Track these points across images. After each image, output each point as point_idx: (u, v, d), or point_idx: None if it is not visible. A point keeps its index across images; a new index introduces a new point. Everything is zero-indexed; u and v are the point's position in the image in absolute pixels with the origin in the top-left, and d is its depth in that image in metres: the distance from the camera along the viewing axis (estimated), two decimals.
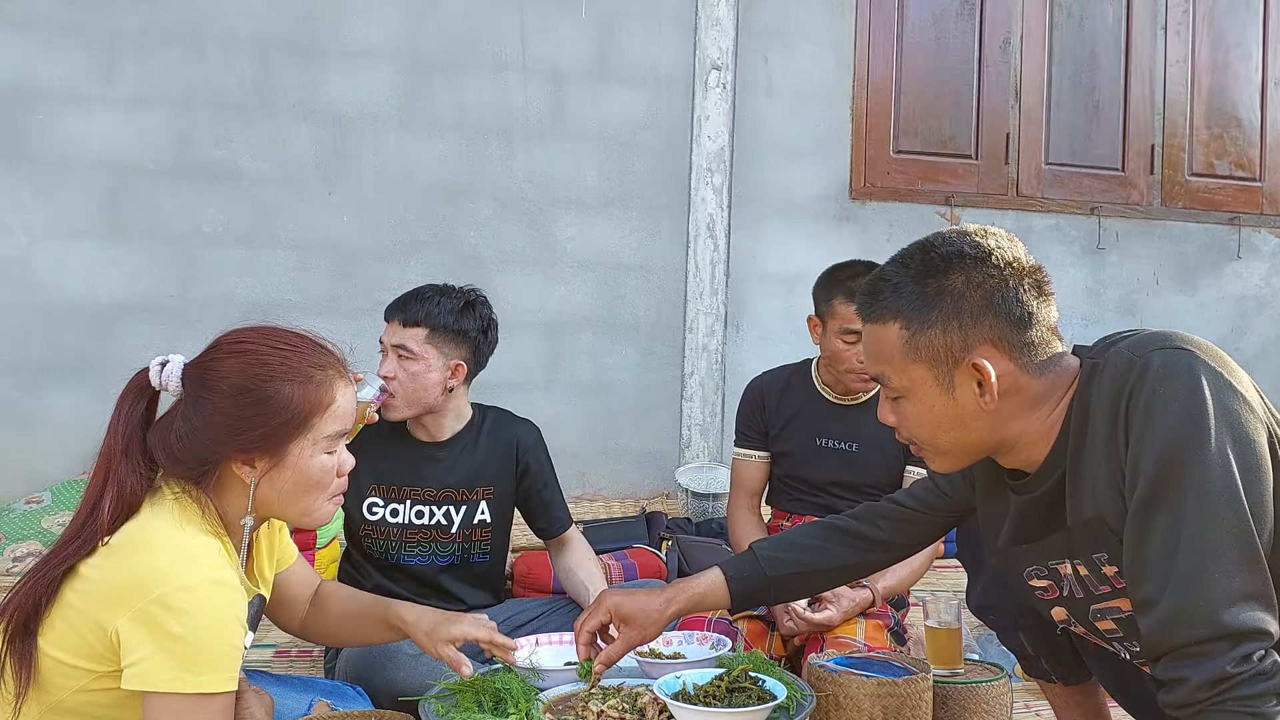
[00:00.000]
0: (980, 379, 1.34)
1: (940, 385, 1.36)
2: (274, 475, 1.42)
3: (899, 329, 1.36)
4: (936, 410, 1.38)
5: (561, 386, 4.04)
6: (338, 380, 1.46)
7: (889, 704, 1.72)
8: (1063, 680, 1.77)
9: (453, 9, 3.96)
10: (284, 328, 1.48)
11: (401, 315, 2.22)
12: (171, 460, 1.40)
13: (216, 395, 1.39)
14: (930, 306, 1.34)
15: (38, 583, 1.34)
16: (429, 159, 3.95)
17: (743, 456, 2.61)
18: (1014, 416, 1.37)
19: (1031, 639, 1.73)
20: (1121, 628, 1.43)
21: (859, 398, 2.49)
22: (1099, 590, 1.41)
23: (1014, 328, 1.33)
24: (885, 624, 2.29)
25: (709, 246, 4.12)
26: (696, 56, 4.11)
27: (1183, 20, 4.57)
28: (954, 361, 1.34)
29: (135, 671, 1.27)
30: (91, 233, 3.72)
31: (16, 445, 3.63)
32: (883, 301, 1.38)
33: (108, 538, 1.35)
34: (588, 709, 1.59)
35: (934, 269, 1.35)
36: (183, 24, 3.76)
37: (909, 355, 1.36)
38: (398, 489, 2.28)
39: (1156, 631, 1.22)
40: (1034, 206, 4.41)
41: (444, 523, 2.29)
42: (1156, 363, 1.28)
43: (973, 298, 1.33)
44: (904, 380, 1.38)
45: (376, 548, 2.29)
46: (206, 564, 1.33)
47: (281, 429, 1.40)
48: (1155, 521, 1.23)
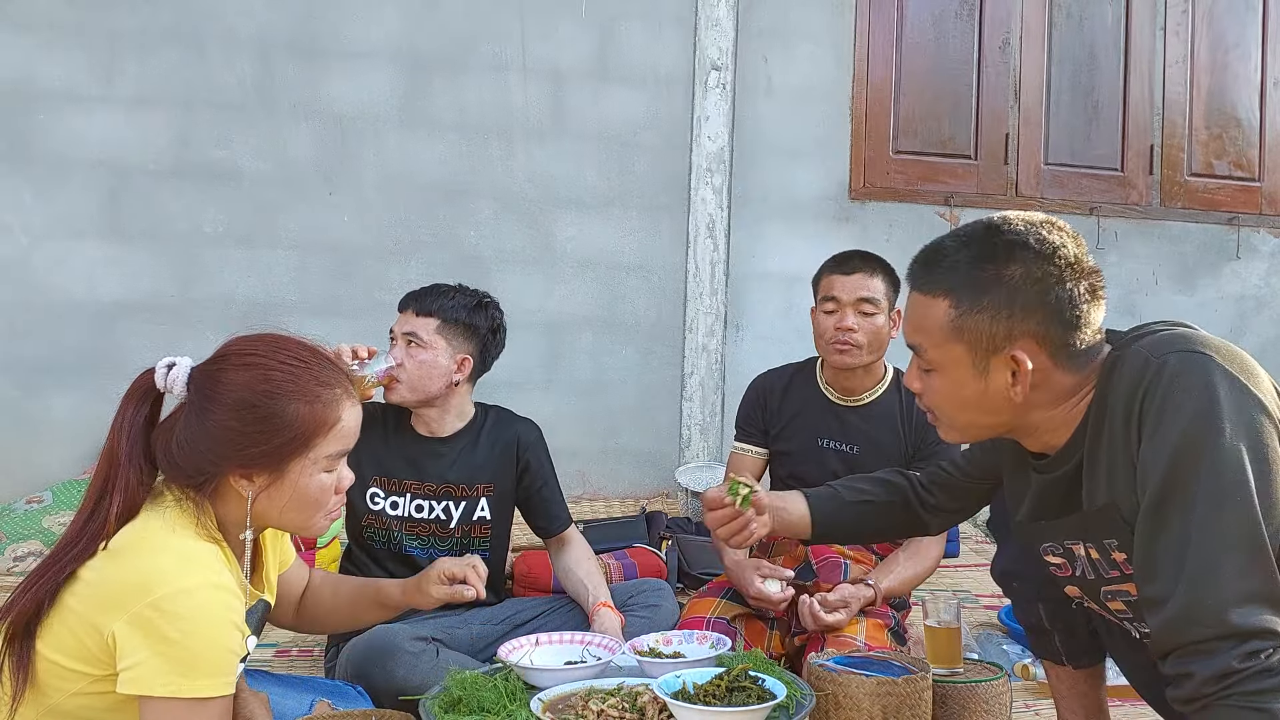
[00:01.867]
0: (1016, 370, 1.35)
1: (974, 368, 1.37)
2: (272, 491, 1.42)
3: (947, 306, 1.37)
4: (965, 391, 1.39)
5: (561, 386, 4.04)
6: (344, 399, 1.44)
7: (889, 703, 1.72)
8: (1072, 661, 1.76)
9: (453, 9, 3.96)
10: (295, 340, 1.45)
11: (416, 305, 2.27)
12: (171, 466, 1.40)
13: (221, 408, 1.38)
14: (983, 291, 1.35)
15: (41, 586, 1.33)
16: (429, 159, 3.95)
17: (740, 450, 2.61)
18: (1038, 407, 1.39)
19: (1050, 612, 1.73)
20: (1130, 609, 1.46)
21: (861, 399, 2.49)
22: (1109, 574, 1.44)
23: (1062, 328, 1.35)
24: (886, 624, 2.29)
25: (709, 246, 4.12)
26: (696, 57, 4.12)
27: (1182, 20, 4.57)
28: (994, 349, 1.36)
29: (130, 675, 1.27)
30: (92, 233, 3.72)
31: (17, 445, 3.63)
32: (936, 275, 1.39)
33: (106, 541, 1.35)
34: (588, 708, 1.59)
35: (995, 254, 1.36)
36: (183, 24, 3.76)
37: (951, 334, 1.37)
38: (399, 482, 2.30)
39: (1165, 629, 1.23)
40: (1033, 207, 4.40)
41: (443, 517, 2.30)
42: (1172, 366, 1.29)
43: (1028, 292, 1.34)
44: (939, 356, 1.40)
45: (378, 537, 2.31)
46: (204, 568, 1.32)
47: (283, 448, 1.39)
48: (1166, 521, 1.24)
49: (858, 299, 2.40)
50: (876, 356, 2.45)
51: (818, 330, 2.46)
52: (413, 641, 1.98)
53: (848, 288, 2.41)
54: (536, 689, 1.69)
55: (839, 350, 2.41)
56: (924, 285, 1.41)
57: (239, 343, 1.44)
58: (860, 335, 2.39)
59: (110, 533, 1.35)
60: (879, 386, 2.50)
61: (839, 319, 2.40)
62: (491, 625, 2.25)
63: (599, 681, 1.71)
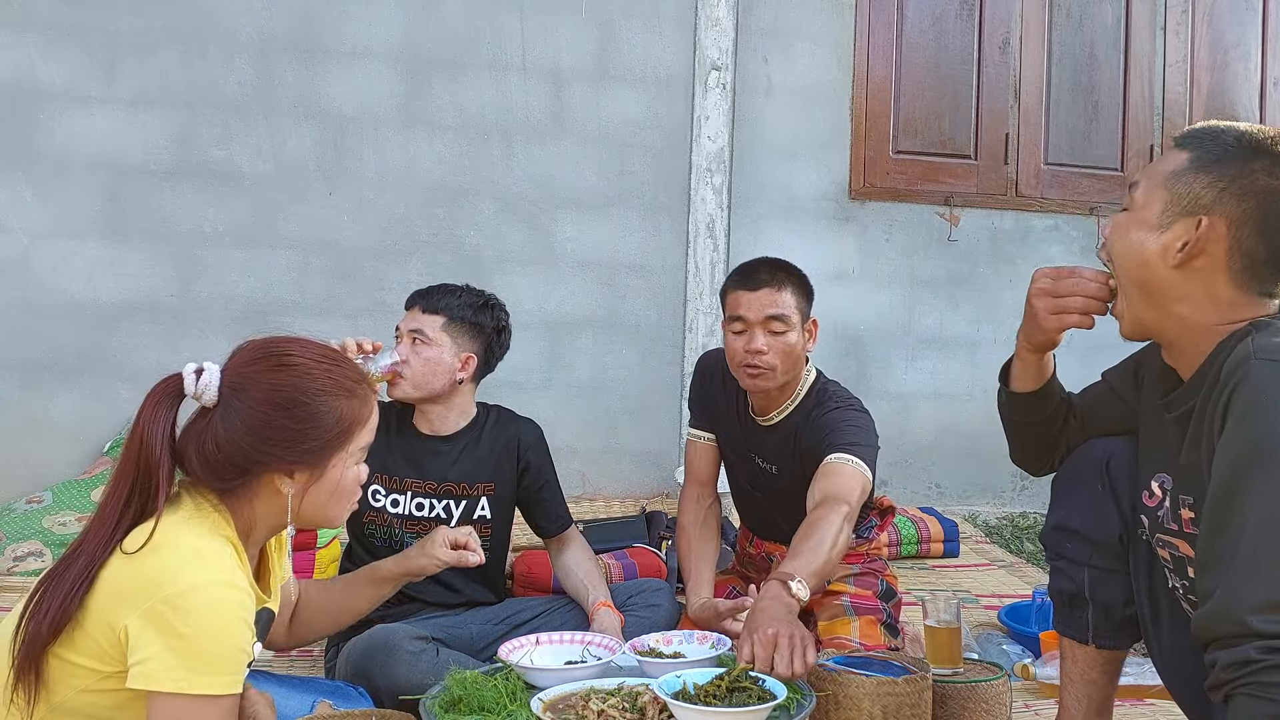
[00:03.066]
0: (1188, 241, 1.39)
1: (1159, 218, 1.42)
2: (312, 486, 1.46)
3: (1185, 157, 1.42)
4: (1140, 238, 1.43)
5: (561, 386, 4.04)
6: (370, 394, 1.51)
7: (888, 703, 1.72)
8: (1097, 640, 1.73)
9: (453, 9, 3.96)
10: (313, 340, 1.51)
11: (423, 302, 2.29)
12: (206, 467, 1.40)
13: (267, 408, 1.40)
14: (1222, 162, 1.39)
15: (71, 597, 1.31)
16: (429, 159, 3.95)
17: (693, 437, 2.52)
18: (1184, 300, 1.42)
19: (1094, 579, 1.71)
20: (1173, 562, 1.52)
21: (771, 419, 2.35)
22: (1169, 526, 1.50)
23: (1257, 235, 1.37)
24: (878, 619, 2.28)
25: (709, 246, 4.12)
26: (696, 56, 4.12)
27: (1182, 20, 4.57)
28: (1187, 210, 1.40)
29: (140, 670, 1.27)
30: (92, 233, 3.72)
31: (17, 445, 3.63)
32: (1205, 137, 1.43)
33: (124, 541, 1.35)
34: (588, 708, 1.59)
35: (1255, 150, 1.39)
36: (183, 24, 3.76)
37: (1168, 180, 1.42)
38: (399, 480, 2.30)
39: (1204, 622, 1.28)
40: (1033, 207, 4.41)
41: (443, 516, 2.30)
42: (1262, 374, 1.31)
43: (1256, 189, 1.37)
44: (1143, 197, 1.44)
45: (379, 535, 2.30)
46: (217, 566, 1.33)
47: (330, 443, 1.44)
48: (1228, 517, 1.28)
49: (765, 317, 2.21)
50: (792, 375, 2.28)
51: (727, 352, 2.28)
52: (413, 641, 1.98)
53: (754, 306, 2.22)
54: (536, 689, 1.69)
55: (750, 375, 2.24)
56: (1184, 141, 1.45)
57: (266, 344, 1.46)
58: (771, 356, 2.21)
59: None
60: (789, 404, 2.33)
61: (747, 340, 2.22)
62: (491, 625, 2.25)
63: (599, 681, 1.71)
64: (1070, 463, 1.76)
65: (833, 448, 2.13)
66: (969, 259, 4.38)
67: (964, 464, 4.34)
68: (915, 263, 4.34)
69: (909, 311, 4.33)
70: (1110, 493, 1.68)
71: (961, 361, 4.34)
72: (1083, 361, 4.82)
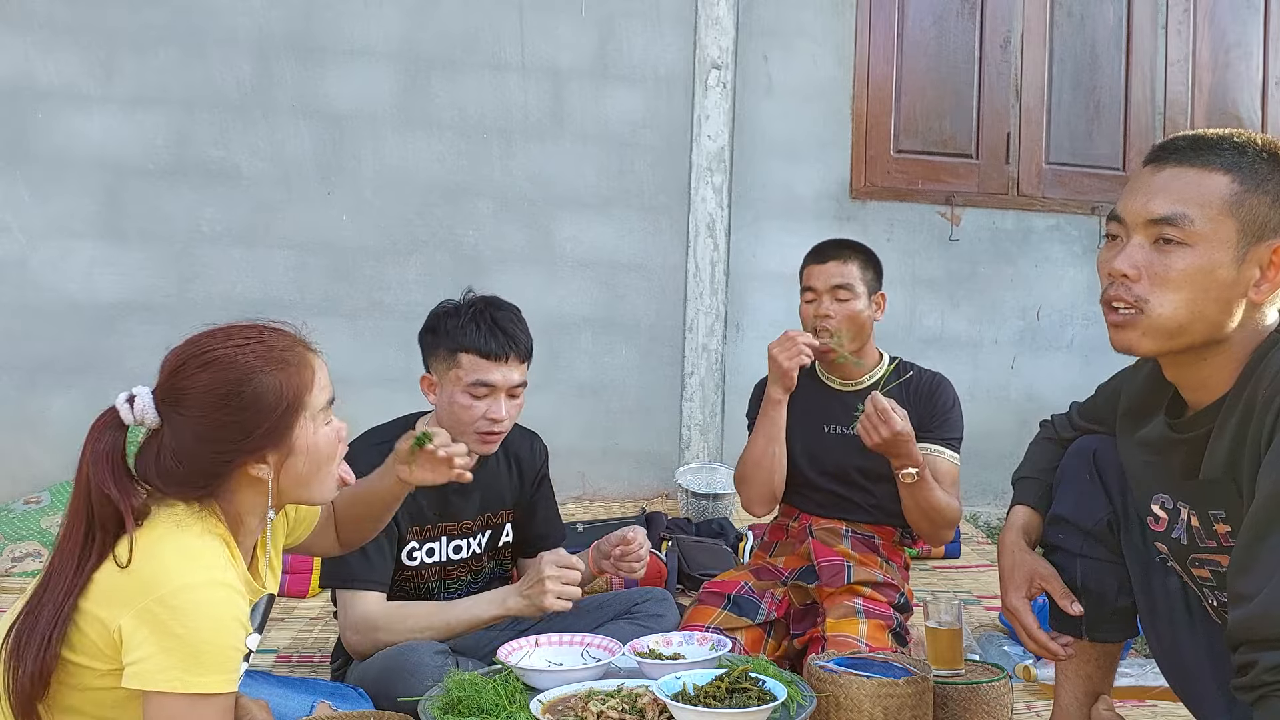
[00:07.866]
0: (1264, 266, 1.34)
1: (1237, 249, 1.33)
2: (288, 463, 1.45)
3: (1229, 181, 1.33)
4: (1218, 273, 1.34)
5: (561, 386, 4.03)
6: (305, 353, 1.48)
7: (889, 704, 1.72)
8: (1090, 633, 1.73)
9: (452, 9, 3.95)
10: (234, 324, 1.47)
11: (515, 350, 2.06)
12: (174, 484, 1.39)
13: (205, 410, 1.38)
14: (1266, 178, 1.34)
15: (42, 648, 1.31)
16: (428, 159, 3.95)
17: None
18: (1234, 318, 1.36)
19: (1085, 571, 1.72)
20: (1215, 578, 1.48)
21: (862, 382, 2.51)
22: (1204, 544, 1.46)
23: None
24: (887, 625, 2.28)
25: (709, 246, 4.11)
26: (696, 56, 4.11)
27: (1183, 20, 4.57)
28: (1261, 235, 1.34)
29: (135, 670, 1.28)
30: (90, 233, 3.72)
31: (16, 445, 3.63)
32: (1212, 154, 1.36)
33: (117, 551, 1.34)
34: (587, 710, 1.58)
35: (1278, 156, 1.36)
36: (182, 23, 3.76)
37: (1230, 207, 1.33)
38: (433, 527, 2.19)
39: (1243, 623, 1.26)
40: (1034, 206, 4.40)
41: (478, 551, 2.26)
42: None
43: None
44: (1208, 228, 1.33)
45: (415, 591, 2.19)
46: (208, 565, 1.34)
47: (282, 419, 1.42)
48: (1274, 525, 1.26)
49: (832, 286, 2.45)
50: (859, 344, 2.49)
51: (802, 320, 2.52)
52: (434, 655, 1.93)
53: (822, 276, 2.47)
54: (536, 690, 1.69)
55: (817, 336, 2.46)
56: (1194, 160, 1.36)
57: (186, 348, 1.43)
58: (834, 320, 2.44)
59: (107, 555, 1.34)
60: (877, 369, 2.54)
61: (817, 307, 2.47)
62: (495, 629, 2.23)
63: (599, 683, 1.70)
64: (1075, 451, 1.78)
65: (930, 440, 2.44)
66: (970, 258, 4.37)
67: (964, 464, 4.31)
68: (916, 262, 4.33)
69: (910, 311, 4.32)
70: (1099, 481, 1.71)
71: (962, 361, 4.33)
72: (1084, 361, 4.82)
